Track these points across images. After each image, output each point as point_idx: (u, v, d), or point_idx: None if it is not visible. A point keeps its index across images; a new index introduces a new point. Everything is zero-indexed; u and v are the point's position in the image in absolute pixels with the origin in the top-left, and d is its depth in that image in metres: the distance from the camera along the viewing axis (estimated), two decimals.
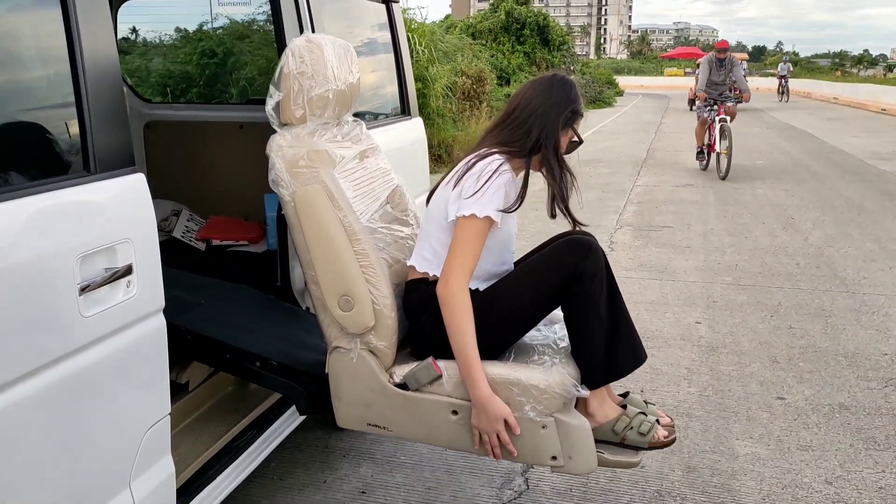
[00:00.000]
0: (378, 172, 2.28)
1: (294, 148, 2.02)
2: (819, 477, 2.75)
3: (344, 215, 2.01)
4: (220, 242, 3.30)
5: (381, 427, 2.08)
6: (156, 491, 1.78)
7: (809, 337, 4.16)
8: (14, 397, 1.37)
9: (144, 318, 1.70)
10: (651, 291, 5.01)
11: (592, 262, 1.99)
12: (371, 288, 2.01)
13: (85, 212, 1.56)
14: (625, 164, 11.63)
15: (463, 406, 1.98)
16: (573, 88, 2.15)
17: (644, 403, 2.22)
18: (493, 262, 2.12)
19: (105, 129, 1.62)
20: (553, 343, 2.13)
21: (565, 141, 2.14)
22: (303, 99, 2.03)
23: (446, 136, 11.84)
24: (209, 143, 3.56)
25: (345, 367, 2.06)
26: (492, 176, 2.00)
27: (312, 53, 2.05)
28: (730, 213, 7.63)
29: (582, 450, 1.96)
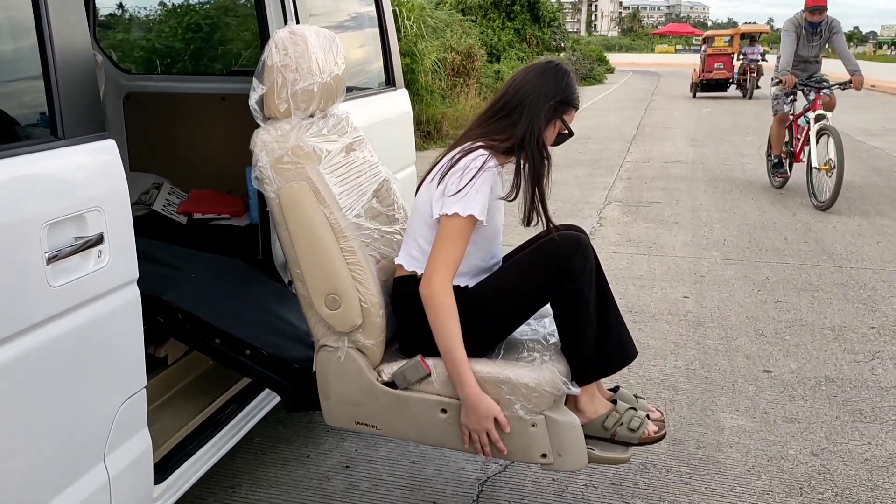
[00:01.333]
0: (365, 166, 2.24)
1: (278, 143, 1.96)
2: (805, 449, 2.75)
3: (330, 212, 1.97)
4: (201, 216, 3.24)
5: (370, 426, 2.06)
6: (132, 466, 1.75)
7: (796, 311, 4.15)
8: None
9: (117, 289, 1.66)
10: (639, 267, 5.00)
11: (581, 260, 1.97)
12: (358, 286, 1.98)
13: (52, 178, 1.51)
14: (614, 140, 11.59)
15: (452, 404, 1.97)
16: (566, 77, 2.09)
17: (634, 398, 2.21)
18: (481, 257, 2.09)
19: (73, 93, 1.57)
20: (543, 339, 2.12)
21: (553, 132, 2.09)
22: (287, 93, 1.98)
23: (435, 113, 11.75)
24: (190, 115, 3.49)
25: (332, 365, 2.04)
26: (476, 173, 1.96)
27: (297, 46, 1.99)
28: (719, 189, 7.61)
29: (572, 447, 1.95)
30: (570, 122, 2.11)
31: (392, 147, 3.32)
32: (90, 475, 1.62)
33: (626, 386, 3.20)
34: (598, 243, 5.60)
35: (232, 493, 2.48)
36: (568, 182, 7.89)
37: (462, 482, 2.50)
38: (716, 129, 12.93)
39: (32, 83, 1.54)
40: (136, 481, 1.78)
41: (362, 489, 2.48)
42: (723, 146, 10.80)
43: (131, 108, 3.51)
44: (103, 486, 1.65)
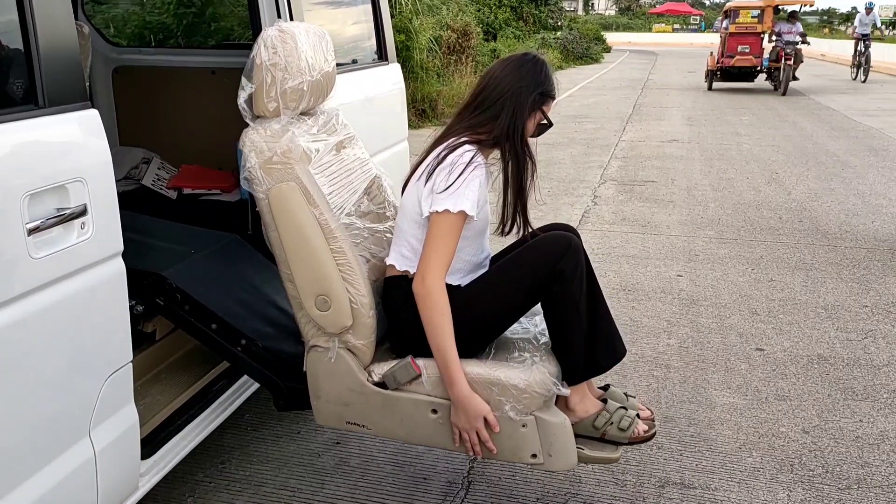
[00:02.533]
0: (356, 163, 2.22)
1: (267, 143, 1.93)
2: (796, 426, 2.75)
3: (320, 213, 1.95)
4: (191, 191, 3.21)
5: (361, 425, 2.06)
6: (118, 440, 1.73)
7: (790, 290, 4.14)
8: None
9: (101, 262, 1.63)
10: (633, 245, 4.98)
11: (572, 261, 1.97)
12: (348, 287, 1.97)
13: (32, 148, 1.48)
14: (610, 119, 11.53)
15: (442, 405, 1.97)
16: (544, 68, 2.08)
17: (625, 397, 2.21)
18: (472, 252, 2.08)
19: (54, 61, 1.53)
20: (534, 338, 2.12)
21: (533, 124, 2.08)
22: (276, 91, 1.94)
23: (430, 91, 11.67)
24: (180, 89, 3.45)
25: (323, 366, 2.03)
26: (465, 169, 1.95)
27: (286, 44, 1.95)
28: (715, 169, 7.59)
29: (562, 447, 1.95)
30: (549, 112, 2.10)
31: (384, 122, 3.28)
32: (75, 449, 1.60)
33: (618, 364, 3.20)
34: (592, 221, 5.58)
35: (222, 469, 2.47)
36: (563, 161, 7.85)
37: (453, 458, 2.49)
38: (713, 109, 12.88)
39: (12, 50, 1.50)
40: (123, 456, 1.76)
41: (352, 465, 2.48)
42: (720, 126, 10.76)
43: (120, 81, 3.47)
44: (89, 461, 1.64)
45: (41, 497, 1.51)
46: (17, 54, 1.49)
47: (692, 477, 2.43)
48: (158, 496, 2.27)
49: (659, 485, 2.39)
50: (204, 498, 2.32)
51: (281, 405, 2.21)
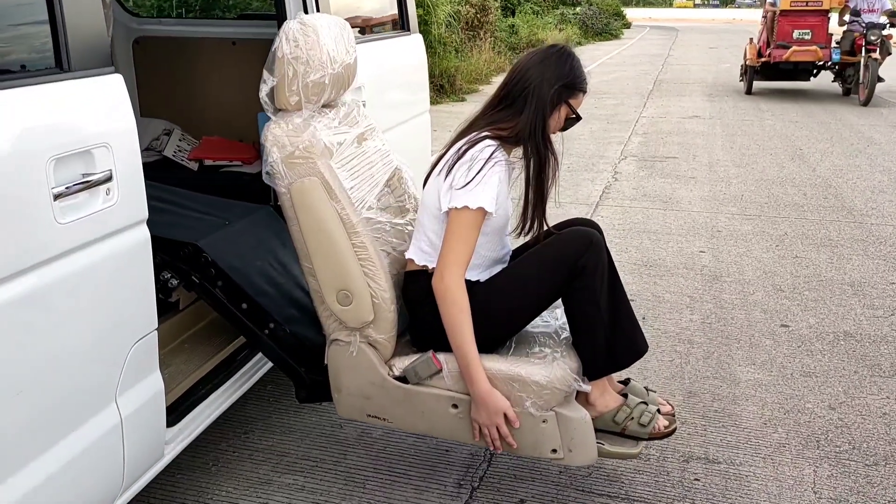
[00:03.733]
0: (377, 156, 2.20)
1: (289, 138, 1.92)
2: (822, 402, 2.71)
3: (342, 208, 1.94)
4: (212, 163, 3.20)
5: (381, 419, 2.06)
6: (144, 407, 1.73)
7: (815, 266, 4.09)
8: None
9: (126, 229, 1.63)
10: (654, 221, 4.93)
11: (594, 257, 1.96)
12: (370, 282, 1.96)
13: (57, 111, 1.47)
14: (630, 95, 11.40)
15: (463, 400, 1.97)
16: (570, 60, 2.04)
17: (645, 391, 2.20)
18: (492, 247, 2.07)
19: (80, 24, 1.51)
20: (554, 333, 2.11)
21: (560, 118, 2.04)
22: (298, 85, 1.93)
23: (448, 66, 11.56)
24: (200, 60, 3.43)
25: (344, 360, 2.03)
26: (484, 165, 1.92)
27: (307, 37, 1.93)
28: (737, 145, 7.48)
29: (582, 442, 1.95)
30: (578, 106, 2.06)
31: (407, 92, 3.25)
32: (102, 415, 1.61)
33: None
34: (613, 197, 5.53)
35: (245, 439, 2.48)
36: (583, 136, 7.77)
37: None
38: (734, 85, 12.68)
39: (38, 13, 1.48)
40: (149, 422, 1.77)
41: (374, 436, 2.48)
42: (741, 101, 10.60)
43: (141, 52, 3.45)
44: (115, 427, 1.64)
45: (69, 462, 1.52)
46: (43, 18, 1.47)
47: (717, 452, 2.41)
48: (182, 464, 2.28)
49: (683, 459, 2.37)
50: (227, 467, 2.33)
51: (302, 396, 2.21)
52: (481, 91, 12.09)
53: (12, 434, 1.39)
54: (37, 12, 1.47)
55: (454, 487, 2.23)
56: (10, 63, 1.47)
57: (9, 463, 1.39)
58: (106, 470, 1.64)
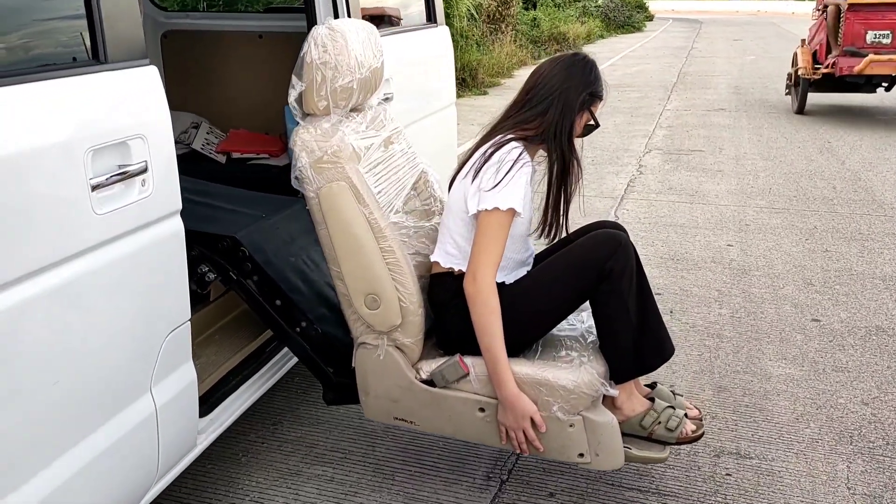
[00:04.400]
0: (403, 159, 2.21)
1: (318, 143, 1.93)
2: (855, 398, 2.68)
3: (370, 212, 1.94)
4: (240, 155, 3.21)
5: (408, 421, 2.07)
6: (178, 397, 1.75)
7: (845, 260, 4.03)
8: (28, 293, 1.31)
9: (161, 220, 1.64)
10: (681, 214, 4.88)
11: (622, 260, 1.95)
12: (397, 286, 1.96)
13: (95, 103, 1.48)
14: (654, 88, 11.30)
15: (490, 404, 1.97)
16: (593, 69, 2.07)
17: (672, 395, 2.19)
18: (517, 249, 2.07)
19: (116, 17, 1.52)
20: (581, 336, 2.10)
21: (581, 124, 2.06)
22: (326, 90, 1.93)
23: (471, 59, 11.54)
24: (228, 53, 3.44)
25: (371, 363, 2.04)
26: (512, 166, 1.92)
27: (336, 43, 1.93)
28: (764, 138, 7.40)
29: (609, 447, 1.94)
30: (596, 112, 2.08)
31: (434, 84, 3.24)
32: (138, 405, 1.62)
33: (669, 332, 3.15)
34: (638, 191, 5.49)
35: (274, 430, 2.49)
36: (607, 129, 7.71)
37: None
38: (760, 77, 12.54)
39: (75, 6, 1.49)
40: (182, 412, 1.78)
41: (403, 429, 2.47)
42: (768, 94, 10.47)
43: (169, 46, 3.47)
44: (150, 416, 1.65)
45: (106, 451, 1.53)
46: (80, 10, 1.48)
47: (748, 447, 2.39)
48: (213, 455, 2.30)
49: (714, 454, 2.35)
50: (257, 458, 2.34)
51: (330, 398, 2.22)
52: (503, 84, 12.06)
53: (51, 422, 1.40)
54: (74, 5, 1.48)
55: (483, 480, 2.23)
56: (49, 55, 1.48)
57: (49, 450, 1.41)
58: (141, 459, 1.66)
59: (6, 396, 1.30)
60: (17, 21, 1.44)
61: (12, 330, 1.30)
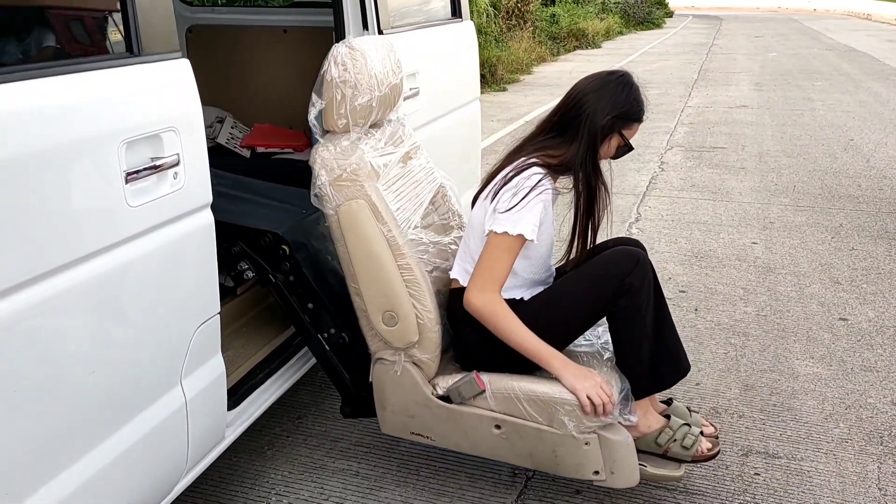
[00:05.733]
0: (422, 174, 2.22)
1: (337, 161, 1.94)
2: (884, 398, 2.64)
3: (388, 230, 1.95)
4: (264, 150, 3.22)
5: (425, 436, 2.08)
6: (207, 389, 1.75)
7: (873, 259, 3.98)
8: (65, 284, 1.32)
9: (192, 213, 1.64)
10: (704, 212, 4.84)
11: (640, 276, 1.94)
12: (415, 303, 1.97)
13: (129, 95, 1.48)
14: (675, 84, 11.22)
15: (506, 420, 1.97)
16: (627, 89, 1.99)
17: (688, 412, 2.17)
18: (535, 271, 2.06)
19: (149, 10, 1.52)
20: (598, 353, 2.10)
21: (612, 147, 2.01)
22: (345, 108, 1.94)
23: (490, 56, 11.50)
24: (252, 47, 3.45)
25: (389, 378, 2.05)
26: (529, 192, 1.91)
27: (356, 61, 1.94)
28: (787, 135, 7.32)
29: (624, 465, 1.94)
30: (632, 136, 2.03)
31: (458, 79, 3.23)
32: (169, 396, 1.63)
33: (693, 329, 3.12)
34: (660, 188, 5.45)
35: (299, 424, 2.49)
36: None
37: None
38: (782, 74, 12.42)
39: None
40: (212, 405, 1.78)
41: None
42: (790, 91, 10.37)
43: (194, 41, 3.48)
44: (180, 408, 1.66)
45: (137, 442, 1.54)
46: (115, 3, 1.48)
47: (777, 446, 2.36)
48: (239, 448, 2.31)
49: (742, 454, 2.33)
50: (283, 451, 2.35)
51: (347, 412, 2.23)
52: (522, 81, 12.02)
53: (88, 412, 1.41)
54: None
55: (508, 477, 2.22)
56: (84, 48, 1.48)
57: (87, 440, 1.41)
58: (171, 450, 1.67)
59: (47, 385, 1.31)
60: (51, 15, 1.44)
61: (51, 320, 1.31)
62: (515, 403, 1.95)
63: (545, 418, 1.93)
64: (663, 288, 2.10)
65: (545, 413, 1.93)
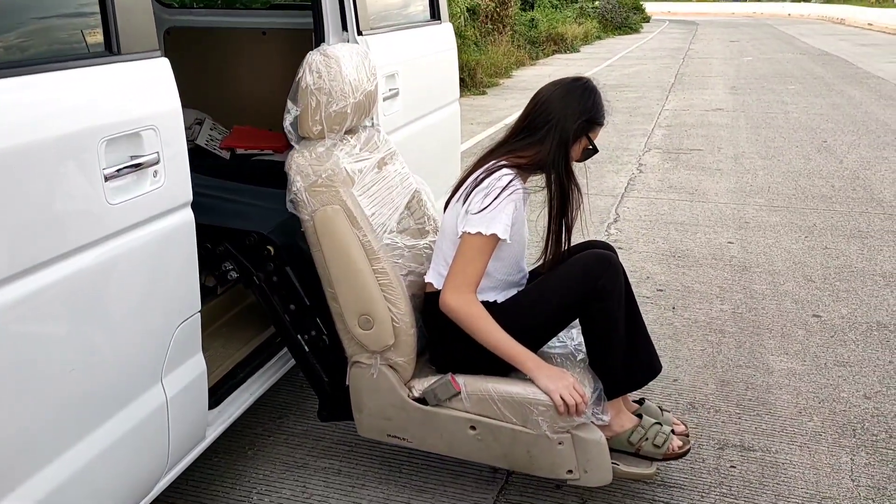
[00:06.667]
0: (397, 179, 2.24)
1: (312, 167, 1.96)
2: (857, 392, 2.69)
3: (363, 234, 1.97)
4: (244, 151, 3.22)
5: (402, 438, 2.10)
6: (188, 388, 1.76)
7: (845, 257, 4.05)
8: (44, 281, 1.32)
9: (172, 211, 1.65)
10: (681, 212, 4.90)
11: (612, 279, 1.98)
12: (390, 306, 1.99)
13: (108, 93, 1.49)
14: (652, 88, 11.33)
15: (481, 422, 1.99)
16: (592, 95, 2.05)
17: (659, 411, 2.21)
18: (508, 272, 2.09)
19: (128, 9, 1.53)
20: (571, 353, 2.13)
21: (579, 149, 2.06)
22: (320, 115, 1.97)
23: (469, 60, 11.55)
24: (231, 50, 3.45)
25: (365, 381, 2.06)
26: (500, 193, 1.94)
27: (330, 69, 1.97)
28: (762, 137, 7.42)
29: (598, 463, 1.97)
30: (596, 138, 2.08)
31: (437, 81, 3.25)
32: (149, 394, 1.63)
33: (670, 327, 3.16)
34: (638, 189, 5.51)
35: (280, 423, 2.50)
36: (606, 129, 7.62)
37: None
38: (757, 78, 12.58)
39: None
40: (192, 404, 1.79)
41: None
42: (765, 94, 10.51)
43: (172, 42, 3.47)
44: (161, 407, 1.66)
45: (117, 440, 1.54)
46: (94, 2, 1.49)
47: (752, 440, 2.40)
48: (220, 449, 2.31)
49: (718, 447, 2.37)
50: (264, 451, 2.35)
51: (324, 416, 2.24)
52: (502, 84, 12.08)
53: (69, 409, 1.41)
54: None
55: (489, 473, 2.24)
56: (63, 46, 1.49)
57: (67, 437, 1.42)
58: (152, 449, 1.67)
59: (26, 382, 1.31)
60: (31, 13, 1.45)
61: (31, 316, 1.31)
62: (490, 404, 1.97)
63: (519, 419, 1.96)
64: (641, 287, 2.14)
65: (519, 414, 1.95)
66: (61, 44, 1.48)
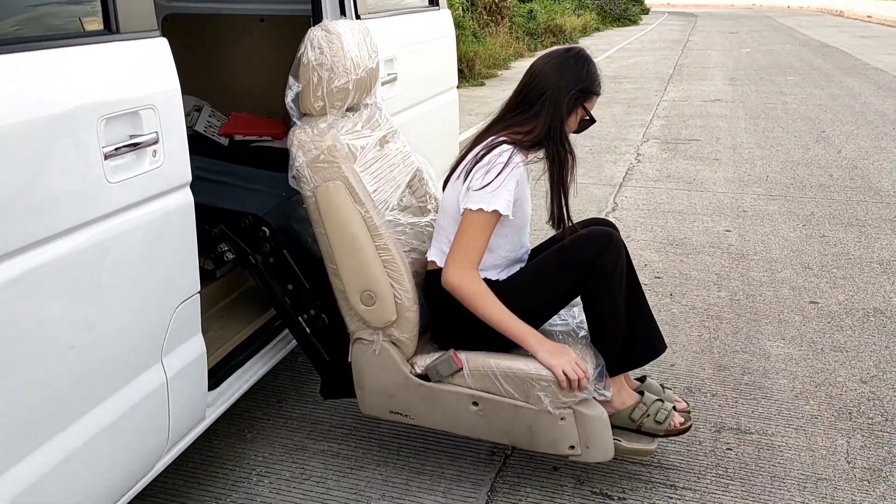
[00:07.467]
0: (398, 157, 2.24)
1: (314, 143, 1.96)
2: (854, 376, 2.71)
3: (365, 210, 1.97)
4: (243, 137, 3.22)
5: (404, 415, 2.10)
6: (187, 368, 1.76)
7: (843, 245, 4.06)
8: (44, 258, 1.33)
9: (171, 192, 1.65)
10: (679, 201, 4.91)
11: (613, 257, 1.98)
12: (393, 283, 1.99)
13: (107, 72, 1.49)
14: (651, 79, 11.32)
15: (483, 397, 2.00)
16: (586, 65, 2.05)
17: (661, 388, 2.22)
18: (510, 248, 2.09)
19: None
20: (573, 331, 2.14)
21: (575, 120, 2.06)
22: (322, 91, 1.96)
23: (467, 51, 11.53)
24: (229, 36, 3.45)
25: (367, 358, 2.07)
26: (502, 169, 1.94)
27: (332, 45, 1.96)
28: (760, 128, 7.43)
29: (599, 439, 1.98)
30: (592, 108, 2.08)
31: (436, 67, 3.25)
32: (149, 374, 1.64)
33: (668, 314, 3.18)
34: (636, 178, 5.51)
35: (279, 407, 2.51)
36: (605, 119, 7.73)
37: None
38: (756, 69, 12.58)
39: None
40: (192, 384, 1.80)
41: None
42: (763, 85, 10.51)
43: (170, 29, 3.47)
44: (161, 386, 1.67)
45: (118, 419, 1.55)
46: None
47: (748, 423, 2.42)
48: (219, 431, 2.32)
49: (715, 430, 2.38)
50: (263, 434, 2.36)
51: (326, 393, 2.24)
52: (500, 76, 12.06)
53: (68, 386, 1.42)
54: None
55: (487, 455, 2.25)
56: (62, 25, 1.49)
57: (63, 416, 1.42)
58: (152, 428, 1.68)
59: (25, 359, 1.32)
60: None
61: (30, 293, 1.31)
62: (492, 380, 1.98)
63: (521, 395, 1.97)
64: (640, 274, 2.15)
65: (521, 389, 1.96)
66: (61, 21, 1.48)
